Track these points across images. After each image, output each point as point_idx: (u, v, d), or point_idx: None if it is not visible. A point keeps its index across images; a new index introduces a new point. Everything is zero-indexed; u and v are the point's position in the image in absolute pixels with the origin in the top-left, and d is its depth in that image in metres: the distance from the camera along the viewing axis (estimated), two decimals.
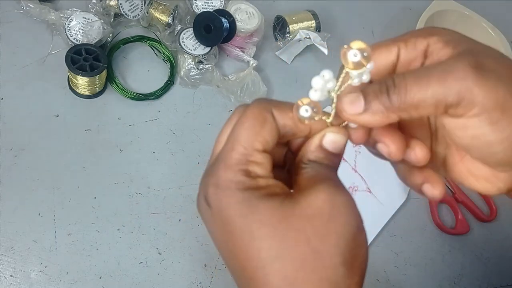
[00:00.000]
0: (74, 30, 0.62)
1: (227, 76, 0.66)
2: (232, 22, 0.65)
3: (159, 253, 0.55)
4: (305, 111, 0.26)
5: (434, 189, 0.29)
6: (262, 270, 0.25)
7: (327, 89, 0.26)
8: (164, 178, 0.59)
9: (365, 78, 0.25)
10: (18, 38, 0.63)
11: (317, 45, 0.67)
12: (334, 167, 0.28)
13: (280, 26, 0.71)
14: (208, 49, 0.65)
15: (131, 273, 0.53)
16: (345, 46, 0.24)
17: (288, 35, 0.70)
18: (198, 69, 0.65)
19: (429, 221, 0.63)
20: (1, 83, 0.60)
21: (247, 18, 0.67)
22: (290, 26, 0.70)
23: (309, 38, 0.67)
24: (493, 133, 0.24)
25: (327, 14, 0.76)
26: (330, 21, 0.77)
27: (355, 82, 0.25)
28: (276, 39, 0.71)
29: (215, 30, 0.63)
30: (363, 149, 0.66)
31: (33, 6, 0.62)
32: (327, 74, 0.25)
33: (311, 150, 0.28)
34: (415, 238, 0.62)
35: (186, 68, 0.65)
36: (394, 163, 0.31)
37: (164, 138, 0.61)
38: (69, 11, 0.62)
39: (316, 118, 0.27)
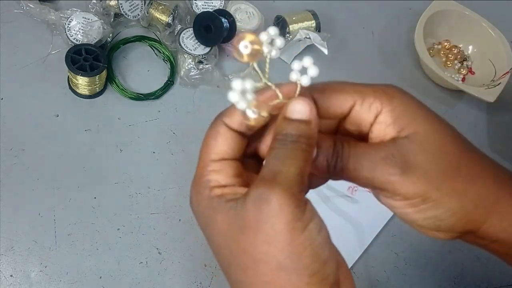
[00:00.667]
0: (74, 30, 0.62)
1: (227, 76, 0.66)
2: (232, 22, 0.65)
3: (159, 253, 0.55)
4: (251, 113, 0.27)
5: None
6: (225, 273, 0.28)
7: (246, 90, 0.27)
8: (164, 178, 0.59)
9: (305, 82, 0.28)
10: (18, 38, 0.63)
11: (317, 45, 0.67)
12: (304, 137, 0.27)
13: (280, 26, 0.71)
14: (208, 49, 0.65)
15: (131, 273, 0.53)
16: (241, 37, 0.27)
17: (288, 35, 0.70)
18: (198, 69, 0.65)
19: None
20: (1, 83, 0.60)
21: (247, 18, 0.67)
22: (290, 26, 0.70)
23: (309, 38, 0.67)
24: (416, 214, 0.28)
25: (327, 14, 0.76)
26: (330, 21, 0.77)
27: (304, 82, 0.28)
28: None
29: (215, 30, 0.63)
30: None
31: (33, 6, 0.62)
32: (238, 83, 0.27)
33: (277, 125, 0.28)
34: (415, 238, 0.62)
35: (186, 68, 0.65)
36: None
37: (164, 138, 0.61)
38: (69, 11, 0.62)
39: (263, 114, 0.27)
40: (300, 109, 0.27)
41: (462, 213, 0.28)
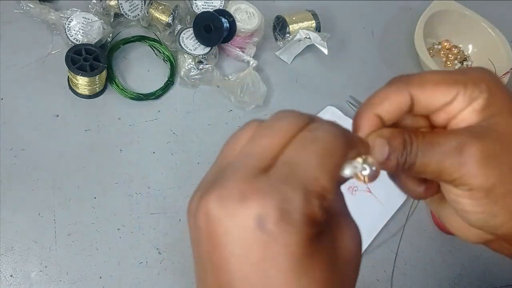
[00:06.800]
0: (74, 30, 0.62)
1: (227, 76, 0.66)
2: (232, 22, 0.65)
3: (159, 253, 0.55)
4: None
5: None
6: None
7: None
8: (164, 178, 0.59)
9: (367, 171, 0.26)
10: (18, 38, 0.63)
11: (317, 45, 0.67)
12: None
13: (280, 26, 0.71)
14: (208, 49, 0.65)
15: (131, 273, 0.53)
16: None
17: (288, 35, 0.70)
18: (198, 69, 0.65)
19: (429, 221, 0.63)
20: (1, 83, 0.60)
21: (247, 18, 0.67)
22: (290, 26, 0.70)
23: (309, 38, 0.67)
24: (471, 206, 0.27)
25: (327, 14, 0.76)
26: (330, 21, 0.77)
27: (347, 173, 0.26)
28: (276, 39, 0.71)
29: (215, 30, 0.63)
30: None
31: (33, 6, 0.62)
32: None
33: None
34: (415, 238, 0.62)
35: (186, 68, 0.65)
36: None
37: (164, 138, 0.61)
38: (69, 11, 0.62)
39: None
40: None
41: None
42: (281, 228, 0.20)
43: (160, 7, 0.66)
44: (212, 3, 0.67)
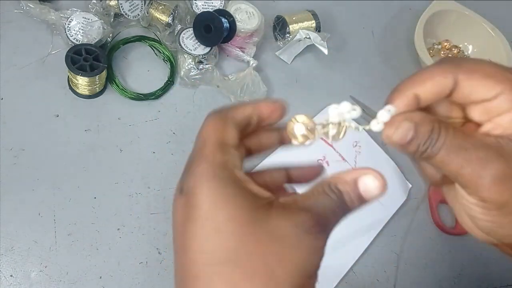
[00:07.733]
0: (74, 30, 0.62)
1: (227, 76, 0.66)
2: (232, 22, 0.65)
3: (159, 253, 0.55)
4: (299, 129, 0.28)
5: None
6: (211, 268, 0.24)
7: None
8: (164, 178, 0.59)
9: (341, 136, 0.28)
10: (18, 38, 0.63)
11: (317, 45, 0.67)
12: (346, 210, 0.26)
13: (280, 26, 0.71)
14: (208, 49, 0.65)
15: (131, 273, 0.53)
16: (292, 119, 0.28)
17: (288, 35, 0.70)
18: (198, 69, 0.65)
19: (429, 221, 0.63)
20: (1, 83, 0.60)
21: (247, 18, 0.67)
22: (290, 26, 0.70)
23: (309, 38, 0.67)
24: (481, 215, 0.27)
25: (327, 14, 0.76)
26: (330, 21, 0.77)
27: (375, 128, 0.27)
28: (276, 39, 0.71)
29: (215, 30, 0.63)
30: (363, 149, 0.66)
31: (33, 6, 0.62)
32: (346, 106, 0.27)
33: (345, 181, 0.26)
34: (415, 238, 0.62)
35: (186, 68, 0.65)
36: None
37: (164, 138, 0.61)
38: (69, 11, 0.62)
39: (310, 139, 0.28)
40: (373, 194, 0.26)
41: None
42: (191, 182, 0.27)
43: (160, 7, 0.66)
44: (212, 3, 0.67)
